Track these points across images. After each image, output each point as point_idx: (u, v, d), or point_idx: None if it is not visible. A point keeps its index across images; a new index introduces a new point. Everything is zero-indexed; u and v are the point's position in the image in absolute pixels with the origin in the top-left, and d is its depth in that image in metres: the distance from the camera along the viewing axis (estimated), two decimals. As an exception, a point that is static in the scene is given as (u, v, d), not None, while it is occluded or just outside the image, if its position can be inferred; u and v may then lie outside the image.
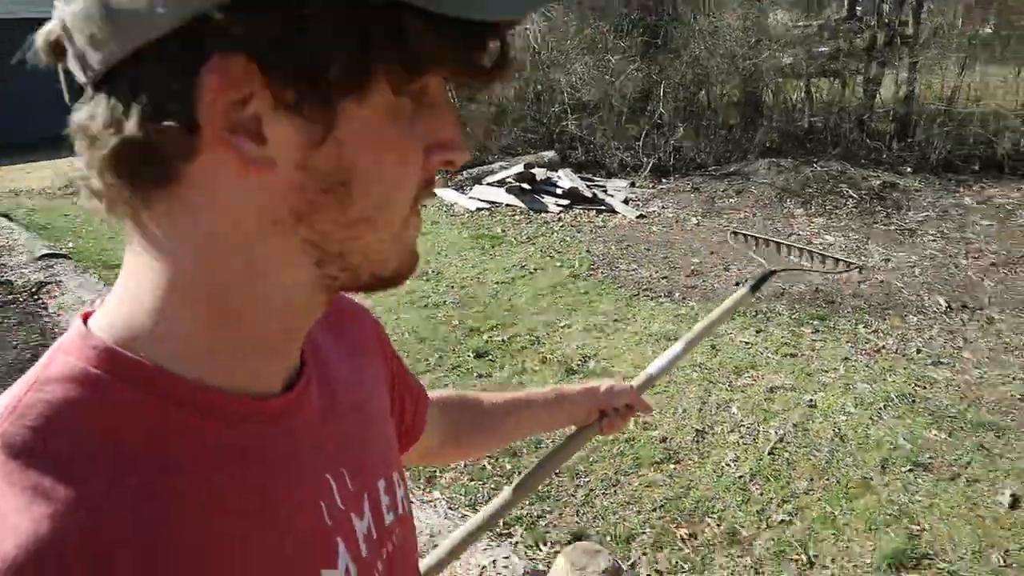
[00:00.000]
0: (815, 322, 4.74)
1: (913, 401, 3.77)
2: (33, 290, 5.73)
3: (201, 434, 0.46)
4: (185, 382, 0.46)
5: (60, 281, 5.92)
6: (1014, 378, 3.97)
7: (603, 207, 7.55)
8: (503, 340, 4.64)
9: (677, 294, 5.28)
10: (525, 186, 7.90)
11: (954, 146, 8.02)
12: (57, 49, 0.43)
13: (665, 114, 8.34)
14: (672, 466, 3.32)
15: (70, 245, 7.02)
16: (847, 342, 4.46)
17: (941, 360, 4.21)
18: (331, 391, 0.60)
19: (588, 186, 8.08)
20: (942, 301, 4.94)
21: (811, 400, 3.81)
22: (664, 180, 8.39)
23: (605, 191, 8.05)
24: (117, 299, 0.48)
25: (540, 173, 8.08)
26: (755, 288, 1.55)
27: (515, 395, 1.06)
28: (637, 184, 8.33)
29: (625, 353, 4.39)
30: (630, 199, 7.82)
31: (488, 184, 8.26)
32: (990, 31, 10.16)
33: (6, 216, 8.24)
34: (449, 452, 1.01)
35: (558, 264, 6.01)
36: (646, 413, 1.24)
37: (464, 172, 8.58)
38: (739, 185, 7.62)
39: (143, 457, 0.43)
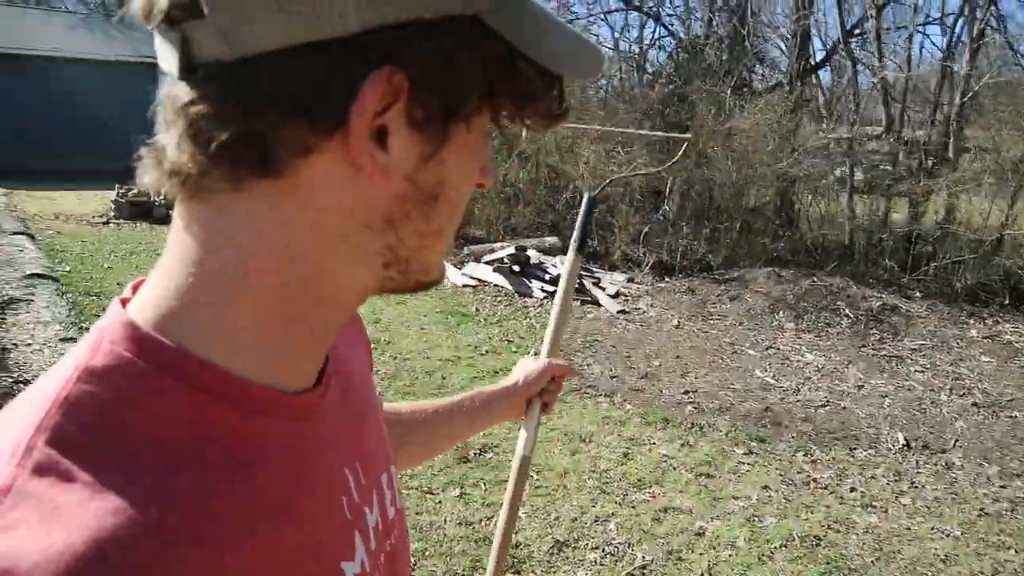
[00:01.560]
0: (752, 443, 4.34)
1: (816, 545, 3.34)
2: (3, 304, 5.85)
3: (246, 431, 0.47)
4: (231, 377, 0.46)
5: (32, 300, 6.04)
6: (947, 535, 3.49)
7: (588, 299, 7.31)
8: (412, 419, 4.41)
9: (618, 396, 4.96)
10: (515, 268, 7.76)
11: (983, 276, 7.50)
12: (183, 12, 0.40)
13: (671, 211, 8.14)
14: (511, 579, 2.98)
15: (66, 269, 7.22)
16: (777, 470, 4.04)
17: (873, 503, 3.75)
18: (344, 383, 0.60)
19: (583, 276, 7.88)
20: (901, 438, 4.46)
21: (701, 527, 3.42)
22: (667, 279, 8.12)
23: (598, 283, 7.83)
24: (162, 286, 0.46)
25: (534, 257, 7.94)
26: (584, 226, 1.25)
27: (437, 405, 1.03)
28: (636, 280, 8.09)
29: (527, 449, 4.09)
30: (622, 293, 7.57)
31: (485, 263, 8.17)
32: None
33: (28, 235, 8.61)
34: None
35: (514, 350, 5.78)
36: (572, 375, 1.25)
37: (466, 248, 8.54)
38: (735, 291, 7.28)
39: (192, 453, 0.44)
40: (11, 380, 4.31)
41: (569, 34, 0.48)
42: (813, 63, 11.45)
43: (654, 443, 4.27)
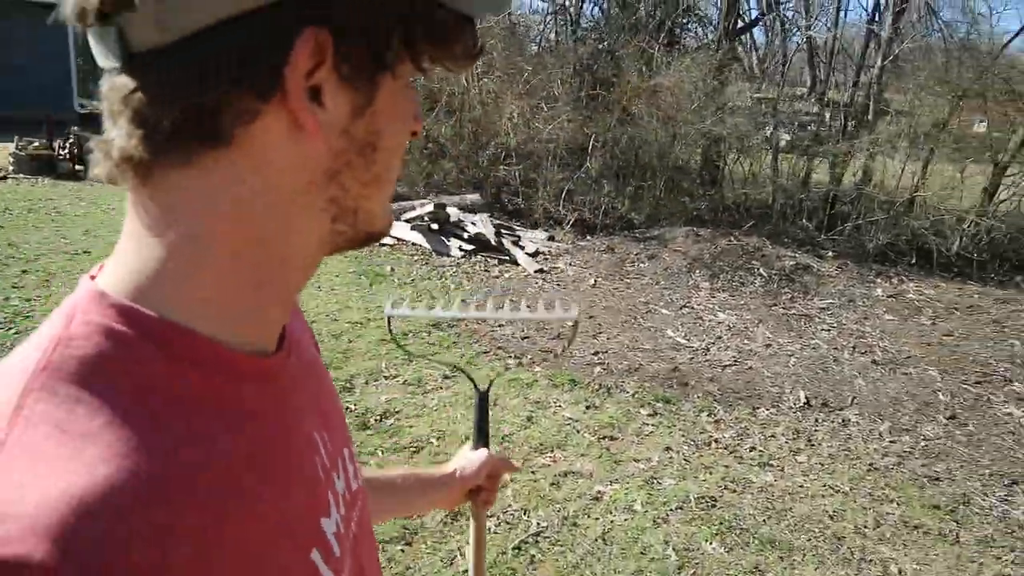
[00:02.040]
0: (657, 404, 4.35)
1: (712, 506, 3.36)
2: None
3: (220, 390, 0.48)
4: (203, 339, 0.48)
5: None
6: (837, 491, 3.56)
7: (506, 257, 7.21)
8: (312, 384, 4.25)
9: (528, 357, 4.89)
10: (434, 226, 7.59)
11: (892, 237, 7.69)
12: (114, 7, 0.42)
13: (592, 169, 8.05)
14: (400, 548, 2.90)
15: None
16: (680, 431, 4.06)
17: (771, 462, 3.80)
18: (300, 356, 0.61)
19: (503, 234, 7.77)
20: (803, 396, 4.54)
21: (599, 492, 3.40)
22: (589, 237, 8.08)
23: (518, 241, 7.73)
24: (126, 261, 0.48)
25: (454, 215, 7.77)
26: (481, 423, 1.18)
27: (376, 478, 1.00)
28: (557, 238, 8.01)
29: (428, 414, 3.99)
30: (541, 252, 7.49)
31: (405, 220, 7.95)
32: (982, 129, 9.83)
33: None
34: None
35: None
36: (512, 471, 1.20)
37: (386, 206, 8.31)
38: (654, 250, 7.28)
39: (173, 407, 0.45)
40: None
41: None
42: (745, 21, 11.44)
43: (560, 406, 4.23)
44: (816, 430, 4.19)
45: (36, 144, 9.75)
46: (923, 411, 4.50)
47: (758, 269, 6.73)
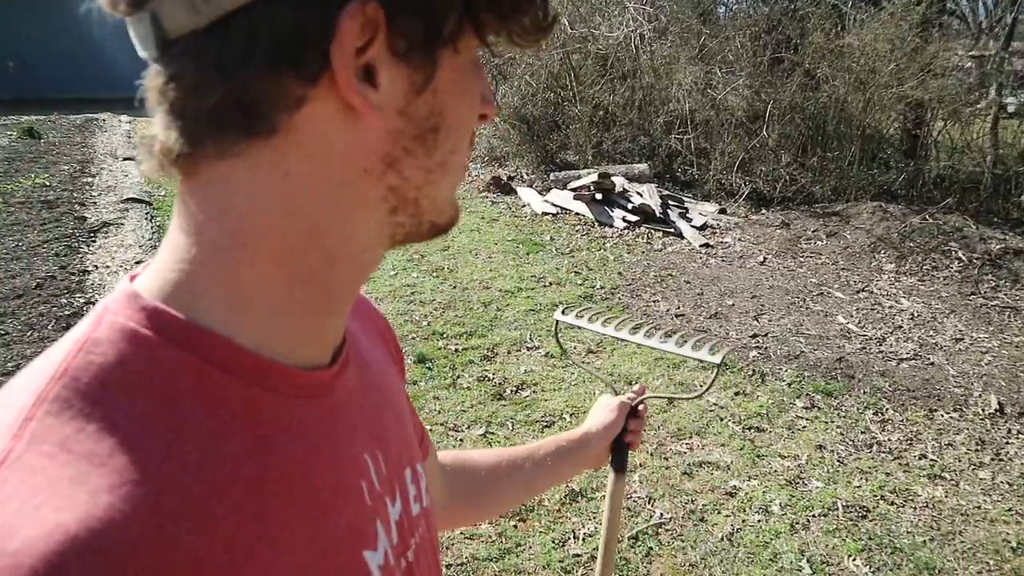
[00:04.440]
0: (817, 395, 3.98)
1: (863, 517, 3.02)
2: (96, 228, 6.20)
3: (252, 404, 0.45)
4: (238, 348, 0.45)
5: (122, 224, 6.36)
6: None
7: (671, 230, 6.91)
8: (456, 350, 4.33)
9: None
10: (598, 196, 7.43)
11: None
12: None
13: (771, 138, 7.49)
14: (513, 524, 2.87)
15: (161, 193, 7.56)
16: (838, 428, 3.69)
17: (943, 474, 3.35)
18: (362, 369, 0.58)
19: (670, 206, 7.45)
20: (994, 402, 3.95)
21: (735, 487, 3.17)
22: (763, 211, 7.55)
23: (685, 213, 7.39)
24: (166, 260, 0.46)
25: (620, 184, 7.56)
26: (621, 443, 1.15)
27: (515, 457, 1.00)
28: (728, 211, 7.56)
29: (566, 389, 3.92)
30: (709, 226, 7.11)
31: (569, 189, 7.86)
32: None
33: (133, 159, 9.06)
34: (455, 515, 0.94)
35: (579, 282, 5.56)
36: (645, 411, 1.16)
37: (553, 175, 8.26)
38: (834, 227, 6.66)
39: (196, 424, 0.42)
40: (83, 300, 4.55)
41: None
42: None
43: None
44: (1008, 443, 3.64)
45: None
46: None
47: (956, 252, 5.95)
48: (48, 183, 7.69)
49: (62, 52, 15.59)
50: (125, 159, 9.02)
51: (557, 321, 1.36)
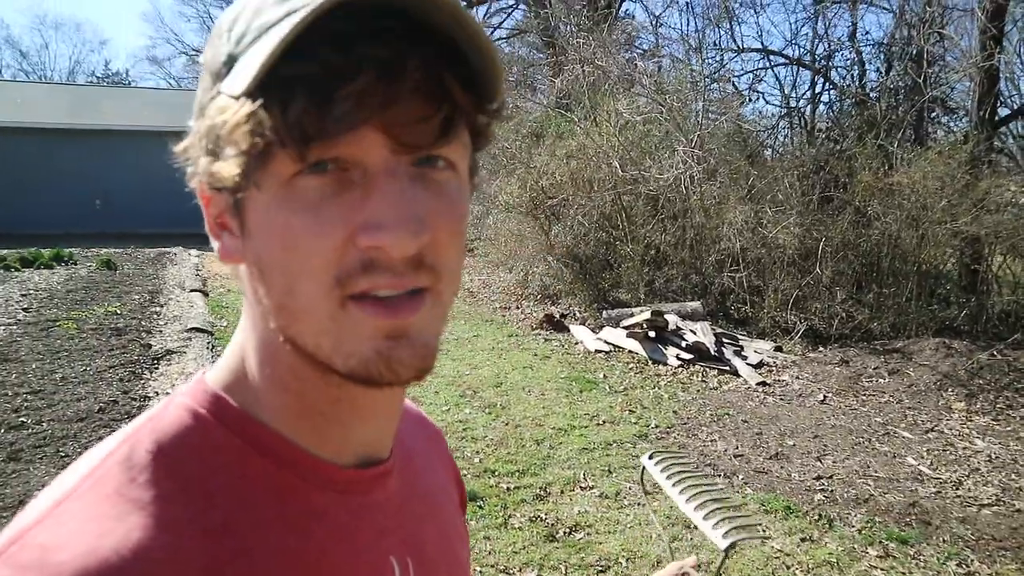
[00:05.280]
0: (891, 543, 3.73)
1: None
2: (159, 356, 6.43)
3: (281, 486, 0.51)
4: (275, 435, 0.51)
5: (185, 352, 6.59)
6: None
7: (726, 368, 6.82)
8: (508, 488, 4.24)
9: (739, 477, 4.50)
10: (651, 334, 7.43)
11: None
12: None
13: (824, 275, 7.47)
14: None
15: (223, 324, 7.85)
16: (917, 579, 3.43)
17: (1041, 633, 3.06)
18: (409, 481, 0.61)
19: (724, 343, 7.39)
20: (1090, 552, 3.65)
21: (807, 643, 2.94)
22: (820, 348, 7.42)
23: (740, 351, 7.30)
24: (229, 349, 0.55)
25: (673, 322, 7.57)
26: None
27: None
28: (784, 349, 7.45)
29: (621, 531, 3.77)
30: (765, 363, 6.99)
31: (623, 327, 7.89)
32: None
33: (203, 292, 9.50)
34: None
35: (633, 420, 5.46)
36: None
37: (605, 312, 8.33)
38: (896, 364, 6.48)
39: (228, 494, 0.48)
40: (144, 429, 4.66)
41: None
42: (1009, 109, 10.23)
43: (769, 535, 3.79)
44: (1109, 598, 3.32)
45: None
46: None
47: (1031, 389, 5.70)
48: (119, 311, 8.09)
49: (139, 190, 16.84)
50: (192, 291, 9.47)
51: (644, 468, 1.34)
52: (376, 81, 0.41)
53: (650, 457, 1.32)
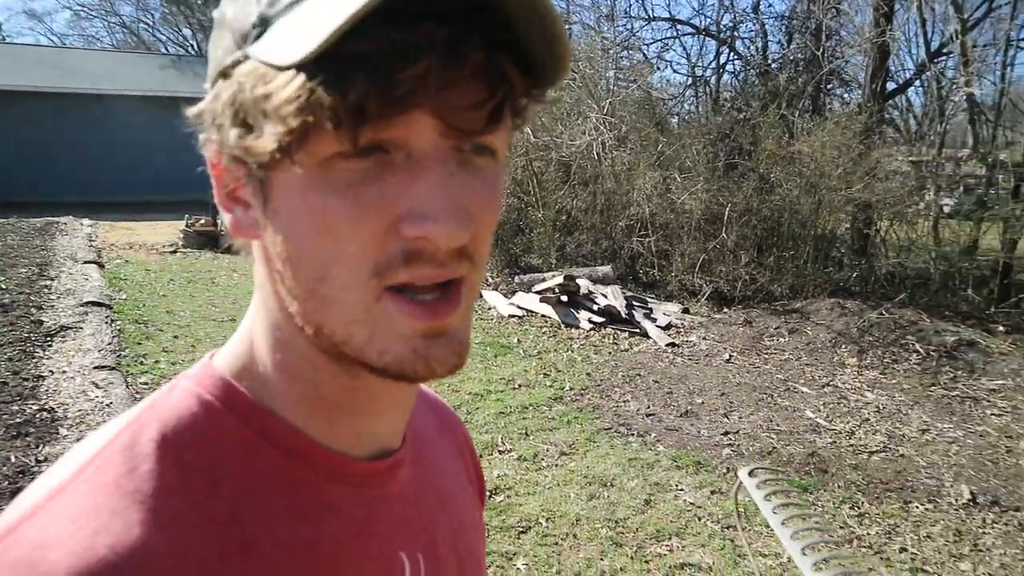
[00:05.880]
0: (793, 492, 3.94)
1: (850, 615, 2.95)
2: (53, 332, 6.04)
3: (292, 478, 0.48)
4: (286, 425, 0.48)
5: (81, 328, 6.21)
6: (1009, 609, 3.03)
7: (637, 330, 7.00)
8: (427, 456, 4.23)
9: (652, 435, 4.65)
10: (564, 298, 7.53)
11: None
12: None
13: (729, 240, 7.75)
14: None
15: (122, 297, 7.44)
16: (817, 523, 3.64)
17: (925, 567, 3.32)
18: (423, 471, 0.59)
19: (635, 306, 7.58)
20: (967, 492, 3.97)
21: (718, 588, 3.09)
22: (725, 310, 7.72)
23: (650, 314, 7.51)
24: (238, 333, 0.51)
25: (584, 287, 7.69)
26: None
27: None
28: (691, 311, 7.71)
29: (541, 492, 3.84)
30: (674, 325, 7.22)
31: (535, 292, 7.96)
32: None
33: (98, 263, 8.97)
34: None
35: (548, 384, 5.54)
36: None
37: (517, 278, 8.38)
38: (795, 324, 6.82)
39: (233, 486, 0.46)
40: (36, 407, 4.39)
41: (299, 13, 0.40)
42: (896, 83, 10.82)
43: (682, 489, 3.95)
44: (984, 532, 3.64)
45: (202, 221, 10.77)
46: (1123, 516, 3.81)
47: (913, 345, 6.11)
48: (4, 285, 7.55)
49: (19, 155, 15.66)
50: (86, 262, 8.93)
51: (740, 482, 1.29)
52: (436, 63, 0.38)
53: (750, 474, 1.26)
